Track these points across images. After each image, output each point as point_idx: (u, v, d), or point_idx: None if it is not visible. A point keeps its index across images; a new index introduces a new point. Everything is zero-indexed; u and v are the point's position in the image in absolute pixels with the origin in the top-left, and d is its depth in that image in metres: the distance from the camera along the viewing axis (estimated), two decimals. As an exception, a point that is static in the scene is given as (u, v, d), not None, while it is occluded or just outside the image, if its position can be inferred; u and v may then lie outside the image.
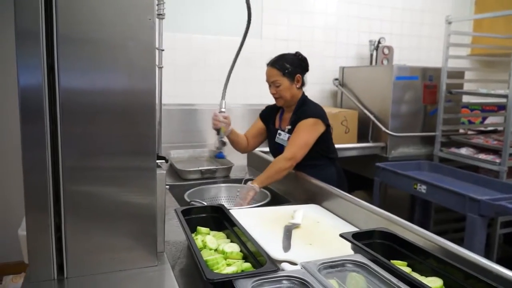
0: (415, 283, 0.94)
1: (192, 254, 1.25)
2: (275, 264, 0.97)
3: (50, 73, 0.86)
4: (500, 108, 3.59)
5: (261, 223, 1.57)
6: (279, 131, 2.22)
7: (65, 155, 0.90)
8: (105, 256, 0.98)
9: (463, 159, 2.97)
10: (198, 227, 1.33)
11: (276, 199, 2.04)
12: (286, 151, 2.03)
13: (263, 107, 3.51)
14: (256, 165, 2.70)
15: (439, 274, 1.08)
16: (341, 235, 1.24)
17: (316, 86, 3.79)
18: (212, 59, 3.28)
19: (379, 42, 3.68)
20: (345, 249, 1.35)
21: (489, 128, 3.61)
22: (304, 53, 2.23)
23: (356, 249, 1.17)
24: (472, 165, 2.99)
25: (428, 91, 3.18)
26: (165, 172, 1.07)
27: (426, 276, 1.09)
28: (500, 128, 3.54)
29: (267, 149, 2.77)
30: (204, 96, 3.28)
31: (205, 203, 1.91)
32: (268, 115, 2.35)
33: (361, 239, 1.20)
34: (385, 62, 3.65)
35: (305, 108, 2.13)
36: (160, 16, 1.89)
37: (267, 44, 3.49)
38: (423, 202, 3.17)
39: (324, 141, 2.11)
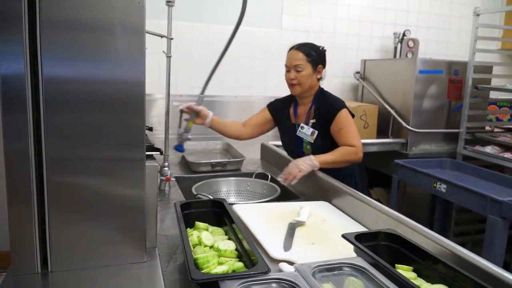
0: (415, 292, 0.87)
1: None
2: (267, 265, 0.92)
3: (33, 60, 0.83)
4: (531, 105, 3.39)
5: (266, 219, 1.52)
6: (301, 125, 2.10)
7: (49, 145, 0.87)
8: (90, 250, 0.95)
9: (487, 157, 2.83)
10: (196, 222, 1.28)
11: (285, 195, 1.98)
12: (353, 145, 1.96)
13: None
14: (269, 159, 2.64)
15: (446, 281, 1.00)
16: (343, 236, 1.17)
17: (336, 79, 3.69)
18: (230, 50, 3.23)
19: (404, 35, 3.54)
20: (349, 251, 1.28)
21: (519, 126, 3.43)
22: (326, 45, 2.16)
23: (358, 251, 1.10)
24: (497, 164, 2.84)
25: (453, 86, 3.04)
26: (157, 164, 1.03)
27: (432, 283, 1.01)
28: (530, 126, 3.35)
29: (280, 142, 2.72)
30: (222, 87, 3.24)
31: (211, 197, 1.87)
32: (279, 108, 2.25)
33: (365, 241, 1.14)
34: (409, 55, 3.51)
35: (330, 100, 2.07)
36: (170, 3, 1.86)
37: (287, 35, 3.41)
38: (443, 201, 3.04)
39: None
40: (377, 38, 3.71)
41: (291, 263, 1.17)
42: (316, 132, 2.04)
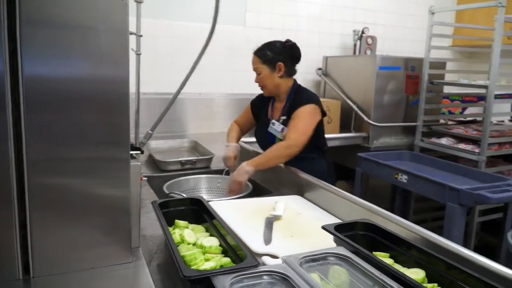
0: (398, 275, 0.92)
1: (169, 249, 1.21)
2: (256, 259, 0.94)
3: (12, 58, 0.80)
4: (480, 98, 3.62)
5: (242, 215, 1.53)
6: (272, 121, 2.14)
7: (30, 146, 0.83)
8: (75, 254, 0.92)
9: (443, 149, 2.99)
10: (176, 221, 1.28)
11: (257, 190, 2.00)
12: (287, 138, 1.95)
13: (248, 96, 3.44)
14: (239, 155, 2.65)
15: (422, 265, 1.06)
16: (323, 227, 1.21)
17: (299, 75, 3.72)
18: (195, 47, 3.20)
19: (362, 32, 3.66)
20: (327, 241, 1.33)
21: (469, 119, 3.64)
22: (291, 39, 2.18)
23: (338, 241, 1.14)
24: (452, 155, 3.01)
25: (410, 81, 3.18)
26: (140, 163, 1.01)
27: (409, 268, 1.07)
28: (479, 119, 3.57)
29: (249, 139, 2.74)
30: (186, 84, 3.20)
31: (185, 195, 1.86)
32: (260, 104, 2.29)
33: (343, 231, 1.18)
34: (368, 52, 3.63)
35: (301, 95, 2.08)
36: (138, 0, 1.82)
37: (250, 32, 3.43)
38: (403, 191, 3.19)
39: (317, 132, 2.05)
40: (337, 35, 3.81)
41: (273, 256, 1.19)
42: (286, 129, 2.05)
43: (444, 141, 3.02)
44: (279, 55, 2.05)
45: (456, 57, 4.25)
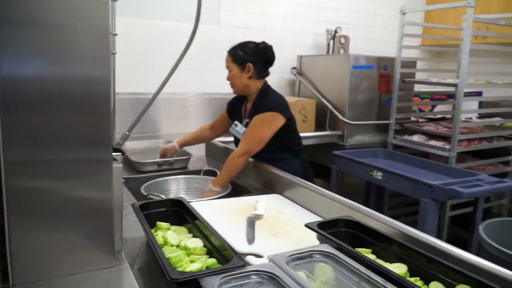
0: (382, 271, 0.94)
1: (153, 252, 1.19)
2: (242, 259, 0.94)
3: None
4: (449, 96, 3.73)
5: (223, 215, 1.53)
6: (235, 122, 2.20)
7: (7, 148, 0.80)
8: (56, 259, 0.89)
9: (415, 145, 3.07)
10: (158, 222, 1.26)
11: (236, 190, 2.00)
12: (239, 146, 2.00)
13: (223, 96, 3.43)
14: (215, 155, 2.65)
15: (403, 259, 1.09)
16: (306, 225, 1.22)
17: (274, 74, 3.73)
18: (171, 47, 3.16)
19: (335, 32, 3.71)
20: (310, 239, 1.34)
21: (438, 116, 3.76)
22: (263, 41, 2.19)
23: (322, 239, 1.16)
24: (423, 151, 3.10)
25: (383, 80, 3.25)
26: (121, 165, 0.99)
27: (391, 263, 1.09)
28: (448, 116, 3.69)
29: (226, 139, 2.73)
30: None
31: (164, 196, 1.84)
32: (235, 105, 2.30)
33: (326, 229, 1.19)
34: (341, 51, 3.68)
35: (264, 100, 2.07)
36: (113, -2, 1.78)
37: (224, 32, 3.41)
38: (377, 188, 3.26)
39: (286, 133, 2.06)
40: (311, 34, 3.84)
41: (257, 255, 1.19)
42: None
43: (416, 138, 3.10)
44: (250, 56, 2.07)
45: (425, 56, 4.37)
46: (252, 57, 2.07)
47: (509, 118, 3.25)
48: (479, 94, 3.73)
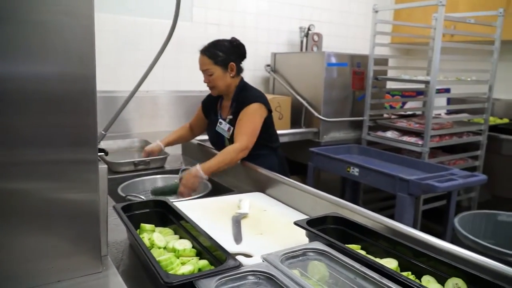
0: (376, 267, 0.94)
1: (138, 255, 1.15)
2: (237, 259, 0.91)
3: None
4: (418, 93, 3.84)
5: (207, 215, 1.50)
6: (220, 120, 2.15)
7: (-15, 150, 0.74)
8: (39, 266, 0.84)
9: (389, 141, 3.14)
10: (142, 224, 1.22)
11: (217, 189, 1.96)
12: (238, 141, 1.92)
13: (196, 94, 3.37)
14: (192, 154, 2.59)
15: (392, 254, 1.10)
16: (295, 223, 1.21)
17: (248, 72, 3.73)
18: (143, 43, 3.08)
19: (309, 29, 3.73)
20: (297, 237, 1.33)
21: (409, 112, 3.85)
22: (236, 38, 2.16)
23: (312, 236, 1.15)
24: (395, 147, 3.16)
25: (357, 77, 3.30)
26: (106, 166, 0.95)
27: (381, 258, 1.10)
28: (418, 112, 3.80)
29: (203, 137, 2.69)
30: (133, 82, 3.07)
31: (143, 197, 1.78)
32: (209, 103, 2.26)
33: (315, 226, 1.19)
34: (314, 49, 3.71)
35: (246, 94, 2.06)
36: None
37: (197, 28, 3.36)
38: (353, 184, 3.31)
39: (265, 129, 2.06)
40: (284, 32, 3.85)
41: (247, 255, 1.17)
42: (232, 128, 2.05)
43: (389, 134, 3.17)
44: (230, 55, 2.02)
45: (394, 54, 4.47)
46: (232, 55, 2.02)
47: (475, 114, 3.38)
48: (447, 91, 3.86)
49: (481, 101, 3.28)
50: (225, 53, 2.01)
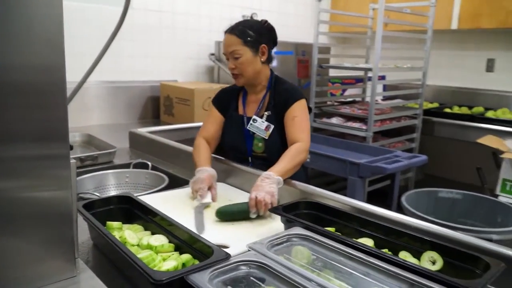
0: (359, 247, 0.96)
1: (113, 255, 1.07)
2: (224, 251, 0.89)
3: None
4: (357, 81, 4.00)
5: (171, 207, 1.44)
6: (253, 117, 1.78)
7: None
8: (8, 274, 0.74)
9: (335, 127, 3.23)
10: (108, 222, 1.14)
11: (174, 182, 1.89)
12: (301, 140, 1.66)
13: (136, 85, 3.16)
14: (141, 147, 2.48)
15: (366, 234, 1.13)
16: (271, 210, 1.21)
17: (190, 61, 3.66)
18: (74, 30, 2.86)
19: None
20: (269, 224, 1.34)
21: (349, 99, 4.01)
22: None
23: (287, 222, 1.15)
24: (339, 132, 3.27)
25: (302, 65, 3.35)
26: (75, 161, 0.86)
27: (356, 238, 1.13)
28: (358, 99, 3.96)
29: (154, 128, 2.58)
30: (69, 73, 2.87)
31: (98, 194, 1.67)
32: (226, 100, 1.91)
33: (289, 212, 1.19)
34: (257, 37, 3.70)
35: (288, 87, 1.80)
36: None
37: (137, 15, 3.20)
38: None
39: None
40: (226, 20, 3.76)
41: (223, 246, 1.15)
42: (272, 126, 1.76)
43: (334, 120, 3.27)
44: (262, 36, 1.74)
45: (331, 42, 4.61)
46: (264, 37, 1.75)
47: (409, 99, 3.60)
48: (383, 77, 4.06)
49: (414, 87, 3.49)
50: (256, 33, 1.73)
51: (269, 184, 1.42)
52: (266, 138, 1.76)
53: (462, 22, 3.46)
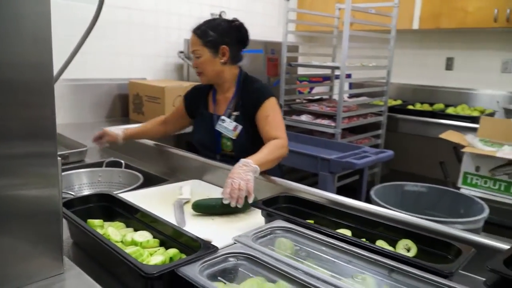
0: (339, 237, 1.01)
1: (89, 252, 1.07)
2: (212, 244, 0.91)
3: None
4: (325, 79, 4.09)
5: (150, 204, 1.42)
6: (222, 117, 1.82)
7: None
8: (-4, 274, 0.74)
9: (304, 125, 3.30)
10: (89, 220, 1.13)
11: (150, 181, 1.88)
12: (279, 137, 1.67)
13: (105, 82, 3.11)
14: (112, 145, 2.44)
15: (342, 225, 1.18)
16: (252, 205, 1.24)
17: (160, 59, 3.62)
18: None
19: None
20: (250, 218, 1.37)
21: (316, 97, 4.09)
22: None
23: (269, 216, 1.18)
24: (308, 129, 3.35)
25: (271, 64, 3.40)
26: (60, 159, 0.86)
27: (334, 230, 1.18)
28: (325, 97, 4.06)
29: (122, 126, 2.54)
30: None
31: (73, 193, 1.65)
32: (196, 96, 1.96)
33: (269, 206, 1.23)
34: (227, 35, 3.72)
35: (257, 87, 1.82)
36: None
37: (106, 11, 3.11)
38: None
39: None
40: (195, 18, 3.75)
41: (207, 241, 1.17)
42: (240, 127, 1.79)
43: (304, 118, 3.34)
44: (223, 37, 1.76)
45: (299, 41, 4.69)
46: (226, 37, 1.76)
47: (374, 97, 3.73)
48: (349, 76, 4.17)
49: (379, 85, 3.62)
50: (217, 34, 1.75)
51: (245, 171, 1.42)
52: (234, 138, 1.80)
53: (423, 22, 3.62)
